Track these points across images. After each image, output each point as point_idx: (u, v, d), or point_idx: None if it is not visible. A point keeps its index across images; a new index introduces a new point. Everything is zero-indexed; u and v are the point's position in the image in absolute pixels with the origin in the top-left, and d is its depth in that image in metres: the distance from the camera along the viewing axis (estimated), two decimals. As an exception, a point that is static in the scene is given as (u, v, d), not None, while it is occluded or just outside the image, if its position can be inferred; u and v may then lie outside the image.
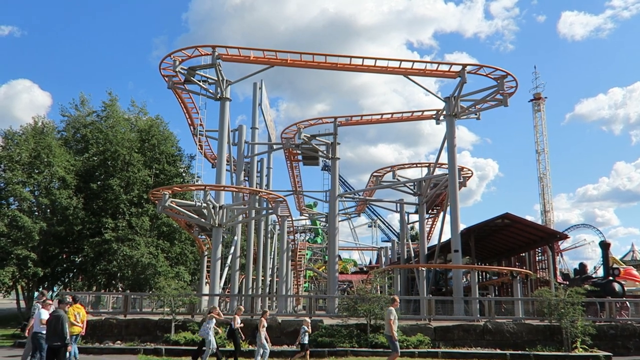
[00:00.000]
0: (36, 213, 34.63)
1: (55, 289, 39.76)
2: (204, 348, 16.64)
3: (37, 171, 34.09)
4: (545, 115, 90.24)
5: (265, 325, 16.60)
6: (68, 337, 11.68)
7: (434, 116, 36.54)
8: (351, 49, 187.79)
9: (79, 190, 35.79)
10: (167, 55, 29.85)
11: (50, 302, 14.91)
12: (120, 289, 35.89)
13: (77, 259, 36.83)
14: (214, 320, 16.96)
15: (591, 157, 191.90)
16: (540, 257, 45.26)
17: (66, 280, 38.84)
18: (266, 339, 16.43)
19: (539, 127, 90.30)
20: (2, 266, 30.67)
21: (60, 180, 34.73)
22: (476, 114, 33.85)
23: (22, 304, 35.57)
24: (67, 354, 12.33)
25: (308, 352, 17.11)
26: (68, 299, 15.21)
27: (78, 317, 15.39)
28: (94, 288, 37.19)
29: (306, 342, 17.04)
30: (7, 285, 32.06)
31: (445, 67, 31.46)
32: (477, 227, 35.61)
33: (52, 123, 38.97)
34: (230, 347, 17.87)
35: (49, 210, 34.96)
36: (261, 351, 16.17)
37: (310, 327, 17.49)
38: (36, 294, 37.37)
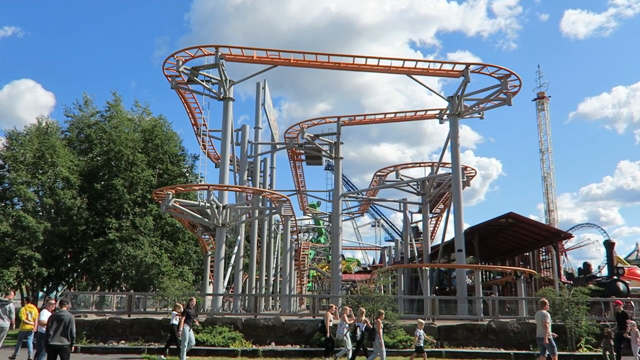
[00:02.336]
0: (40, 213, 34.76)
1: (59, 288, 39.91)
2: (342, 348, 16.85)
3: (41, 171, 34.21)
4: (549, 115, 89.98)
5: (382, 326, 16.25)
6: (75, 337, 11.77)
7: (437, 115, 36.47)
8: (353, 48, 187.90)
9: (83, 191, 35.91)
10: (171, 56, 29.89)
11: (54, 302, 15.04)
12: (124, 288, 36.00)
13: (81, 258, 36.94)
14: (346, 321, 16.94)
15: (595, 156, 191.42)
16: (544, 257, 45.13)
17: (70, 280, 38.99)
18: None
19: (542, 126, 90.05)
20: (7, 266, 30.81)
21: (64, 181, 34.85)
22: (480, 113, 33.77)
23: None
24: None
25: (425, 354, 16.49)
26: (51, 301, 15.92)
27: (30, 315, 16.56)
28: (98, 288, 37.31)
29: (422, 344, 16.49)
30: (12, 285, 32.17)
31: (448, 67, 31.42)
32: (481, 227, 35.52)
33: (55, 123, 39.19)
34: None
35: (53, 211, 35.09)
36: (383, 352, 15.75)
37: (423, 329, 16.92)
38: (40, 294, 37.63)
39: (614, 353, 16.82)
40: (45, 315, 15.02)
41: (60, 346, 11.32)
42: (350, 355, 16.46)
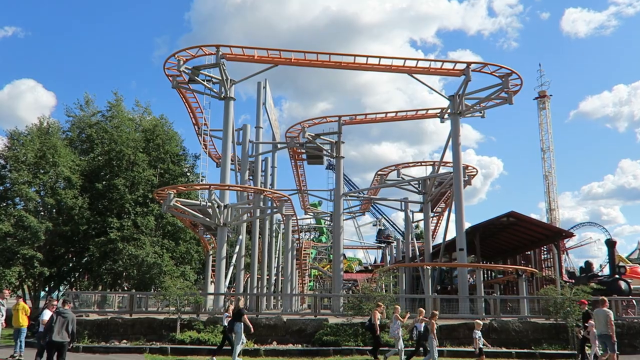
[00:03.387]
0: (42, 213, 34.80)
1: (61, 288, 39.96)
2: (391, 349, 16.86)
3: (42, 171, 34.25)
4: (550, 113, 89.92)
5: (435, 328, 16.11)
6: (75, 336, 12.06)
7: (438, 114, 36.44)
8: (354, 47, 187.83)
9: (85, 190, 35.94)
10: (172, 55, 29.90)
11: (56, 302, 15.14)
12: (125, 288, 36.01)
13: (83, 257, 36.98)
14: (399, 321, 16.92)
15: (596, 154, 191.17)
16: (545, 256, 45.10)
17: (72, 279, 39.03)
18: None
19: (544, 125, 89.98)
20: (9, 266, 30.85)
21: (65, 180, 34.88)
22: (481, 112, 33.71)
23: (29, 303, 35.72)
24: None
25: (483, 357, 16.27)
26: (54, 302, 16.09)
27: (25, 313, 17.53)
28: (100, 287, 37.34)
29: (482, 346, 16.24)
30: (14, 284, 32.21)
31: (449, 65, 31.38)
32: (482, 226, 35.48)
33: (57, 123, 39.21)
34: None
35: (54, 210, 35.12)
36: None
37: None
38: (42, 294, 37.67)
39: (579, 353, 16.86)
40: (47, 314, 15.10)
41: (60, 343, 11.63)
42: (403, 355, 16.44)
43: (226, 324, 16.98)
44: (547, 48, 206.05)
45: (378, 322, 17.16)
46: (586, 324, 16.50)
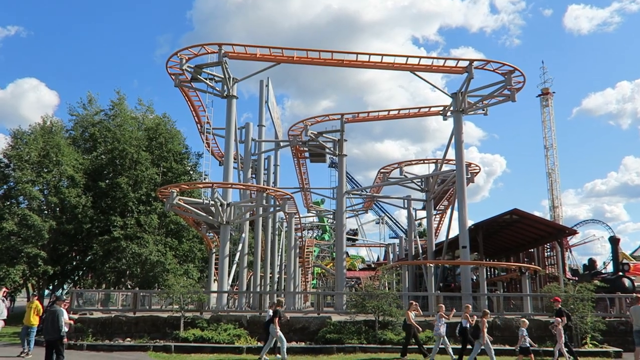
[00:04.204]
0: (45, 212, 34.88)
1: (65, 286, 40.06)
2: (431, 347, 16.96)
3: (46, 170, 34.33)
4: (553, 110, 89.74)
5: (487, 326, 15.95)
6: (64, 331, 12.33)
7: (440, 112, 36.36)
8: (355, 45, 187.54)
9: (88, 189, 36.02)
10: (174, 54, 29.91)
11: (68, 301, 15.39)
12: (129, 286, 36.10)
13: (87, 256, 37.07)
14: (443, 319, 16.89)
15: (599, 151, 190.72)
16: (549, 253, 45.01)
17: (76, 278, 39.13)
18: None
19: (547, 122, 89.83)
20: (13, 264, 30.94)
21: (69, 179, 34.96)
22: (483, 110, 33.64)
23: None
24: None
25: (532, 356, 15.96)
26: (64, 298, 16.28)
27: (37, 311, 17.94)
28: (103, 286, 37.44)
29: (527, 345, 15.93)
30: (18, 283, 32.32)
31: (452, 63, 31.29)
32: (485, 223, 35.44)
33: (60, 122, 39.25)
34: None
35: (58, 209, 35.22)
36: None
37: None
38: (46, 292, 37.81)
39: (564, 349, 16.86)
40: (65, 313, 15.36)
41: (51, 339, 12.07)
42: (453, 355, 16.50)
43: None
44: (550, 45, 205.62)
45: (413, 322, 17.08)
46: (552, 320, 16.54)
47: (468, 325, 16.32)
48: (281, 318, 16.56)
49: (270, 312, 17.07)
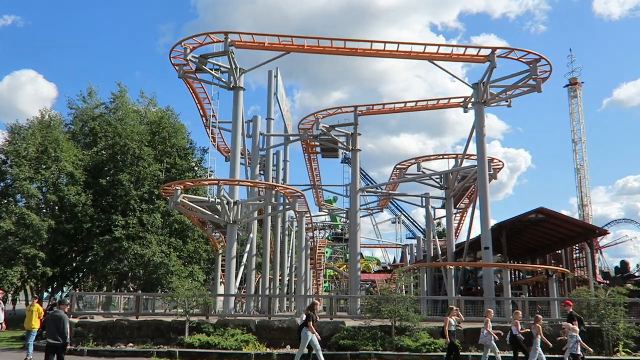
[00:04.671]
0: (44, 210, 35.25)
1: (64, 289, 40.48)
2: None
3: (44, 167, 34.68)
4: (582, 102, 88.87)
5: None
6: (69, 337, 12.67)
7: (461, 104, 36.18)
8: (370, 33, 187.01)
9: (88, 187, 36.34)
10: (178, 43, 30.03)
11: (70, 302, 15.67)
12: (131, 289, 36.40)
13: (87, 257, 37.42)
14: (490, 325, 16.83)
15: (632, 146, 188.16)
16: (578, 255, 44.65)
17: (76, 280, 39.53)
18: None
19: (575, 115, 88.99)
20: (11, 266, 31.31)
21: (68, 176, 35.29)
22: (507, 101, 33.43)
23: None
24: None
25: None
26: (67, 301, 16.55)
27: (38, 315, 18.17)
28: (105, 288, 37.78)
29: (579, 352, 15.65)
30: (16, 285, 32.71)
31: (473, 51, 31.12)
32: (509, 223, 35.22)
33: (59, 116, 39.65)
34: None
35: (57, 208, 35.58)
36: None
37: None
38: (45, 295, 38.25)
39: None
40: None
41: (54, 344, 12.32)
42: None
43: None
44: (579, 32, 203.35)
45: (452, 329, 16.83)
46: (563, 325, 16.37)
47: (517, 333, 16.18)
48: (315, 322, 16.47)
49: (304, 316, 17.01)
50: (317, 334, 16.21)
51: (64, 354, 12.55)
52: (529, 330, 16.27)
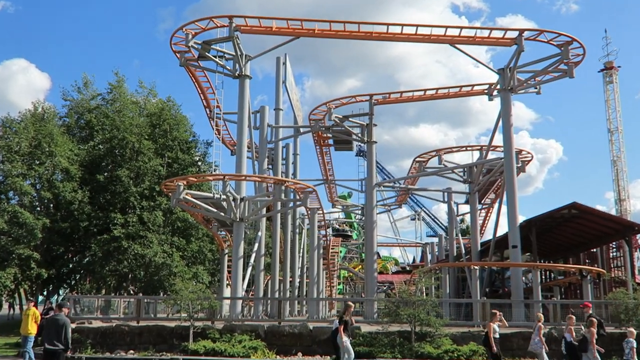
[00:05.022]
0: (38, 208, 35.56)
1: (60, 292, 40.86)
2: None
3: (38, 162, 34.95)
4: (618, 88, 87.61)
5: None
6: (69, 343, 12.97)
7: (485, 91, 36.01)
8: (385, 15, 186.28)
9: (85, 183, 36.59)
10: (179, 29, 30.11)
11: (68, 304, 15.90)
12: (131, 292, 36.68)
13: (84, 257, 37.71)
14: (543, 331, 16.89)
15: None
16: (614, 254, 44.28)
17: (72, 282, 39.87)
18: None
19: (611, 102, 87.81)
20: (3, 267, 31.59)
21: (63, 172, 35.55)
22: (536, 88, 33.28)
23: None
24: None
25: None
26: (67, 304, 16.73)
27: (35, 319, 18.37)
28: (103, 291, 38.10)
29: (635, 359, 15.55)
30: (9, 288, 33.05)
31: (498, 34, 30.91)
32: (539, 219, 34.99)
33: (53, 108, 39.87)
34: None
35: (52, 205, 35.89)
36: None
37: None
38: (40, 298, 38.67)
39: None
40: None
41: (54, 350, 12.53)
42: None
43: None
44: (614, 11, 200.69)
45: (497, 335, 16.58)
46: (582, 331, 16.29)
47: (572, 340, 16.08)
48: (348, 326, 16.45)
49: (337, 321, 17.00)
50: (346, 340, 16.10)
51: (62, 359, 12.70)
52: (583, 335, 16.08)
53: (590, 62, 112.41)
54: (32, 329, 18.20)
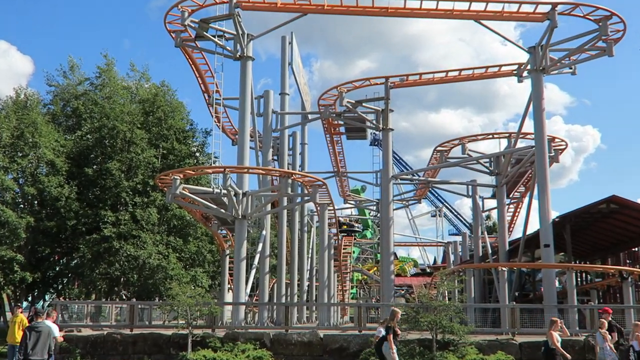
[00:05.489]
0: (22, 205, 35.81)
1: (47, 297, 41.14)
2: None
3: (20, 154, 35.17)
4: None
5: None
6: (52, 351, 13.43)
7: (514, 72, 35.77)
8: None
9: (72, 177, 36.79)
10: (174, 6, 30.09)
11: (55, 312, 16.15)
12: (124, 297, 36.92)
13: (72, 259, 37.93)
14: (607, 340, 16.83)
15: None
16: (659, 253, 43.95)
17: (59, 287, 40.13)
18: None
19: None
20: (-16, 271, 31.94)
21: (48, 165, 35.76)
22: (571, 68, 33.00)
23: (9, 316, 36.96)
24: None
25: None
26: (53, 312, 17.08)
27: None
28: (93, 296, 38.36)
29: None
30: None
31: (529, 8, 30.66)
32: (574, 215, 34.79)
33: (36, 95, 40.10)
34: None
35: (36, 202, 36.13)
36: None
37: None
38: (25, 304, 38.97)
39: None
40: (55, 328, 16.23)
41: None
42: None
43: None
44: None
45: (558, 344, 16.52)
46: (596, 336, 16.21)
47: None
48: (397, 335, 16.43)
49: (382, 330, 17.00)
50: (394, 349, 15.94)
51: None
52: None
53: (632, 39, 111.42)
54: (19, 337, 18.39)
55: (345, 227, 69.96)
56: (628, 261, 43.05)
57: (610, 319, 17.71)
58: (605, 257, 45.02)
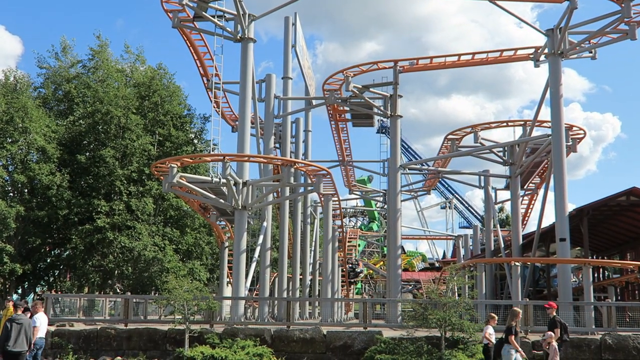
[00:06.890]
0: (11, 194, 35.96)
1: (37, 290, 41.42)
2: None
3: (10, 140, 35.29)
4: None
5: None
6: (32, 343, 14.48)
7: (531, 56, 35.62)
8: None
9: (64, 164, 36.91)
10: (171, -17, 30.04)
11: (41, 304, 16.50)
12: (118, 290, 37.11)
13: (64, 250, 38.11)
14: None
15: None
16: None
17: (51, 279, 40.37)
18: None
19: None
20: (-28, 262, 32.14)
21: (39, 152, 35.87)
22: (591, 52, 32.86)
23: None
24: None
25: None
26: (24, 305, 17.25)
27: None
28: (86, 289, 38.55)
29: None
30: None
31: (547, -12, 30.55)
32: (592, 208, 34.75)
33: (26, 77, 40.16)
34: None
35: (26, 191, 36.28)
36: None
37: None
38: (15, 296, 39.20)
39: None
40: (43, 320, 16.44)
41: (19, 352, 13.79)
42: None
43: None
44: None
45: (492, 338, 16.66)
46: (544, 334, 16.44)
47: None
48: (517, 335, 16.37)
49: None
50: (521, 351, 15.96)
51: None
52: None
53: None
54: None
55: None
56: (648, 257, 43.07)
57: (554, 314, 17.77)
58: (624, 253, 44.99)
